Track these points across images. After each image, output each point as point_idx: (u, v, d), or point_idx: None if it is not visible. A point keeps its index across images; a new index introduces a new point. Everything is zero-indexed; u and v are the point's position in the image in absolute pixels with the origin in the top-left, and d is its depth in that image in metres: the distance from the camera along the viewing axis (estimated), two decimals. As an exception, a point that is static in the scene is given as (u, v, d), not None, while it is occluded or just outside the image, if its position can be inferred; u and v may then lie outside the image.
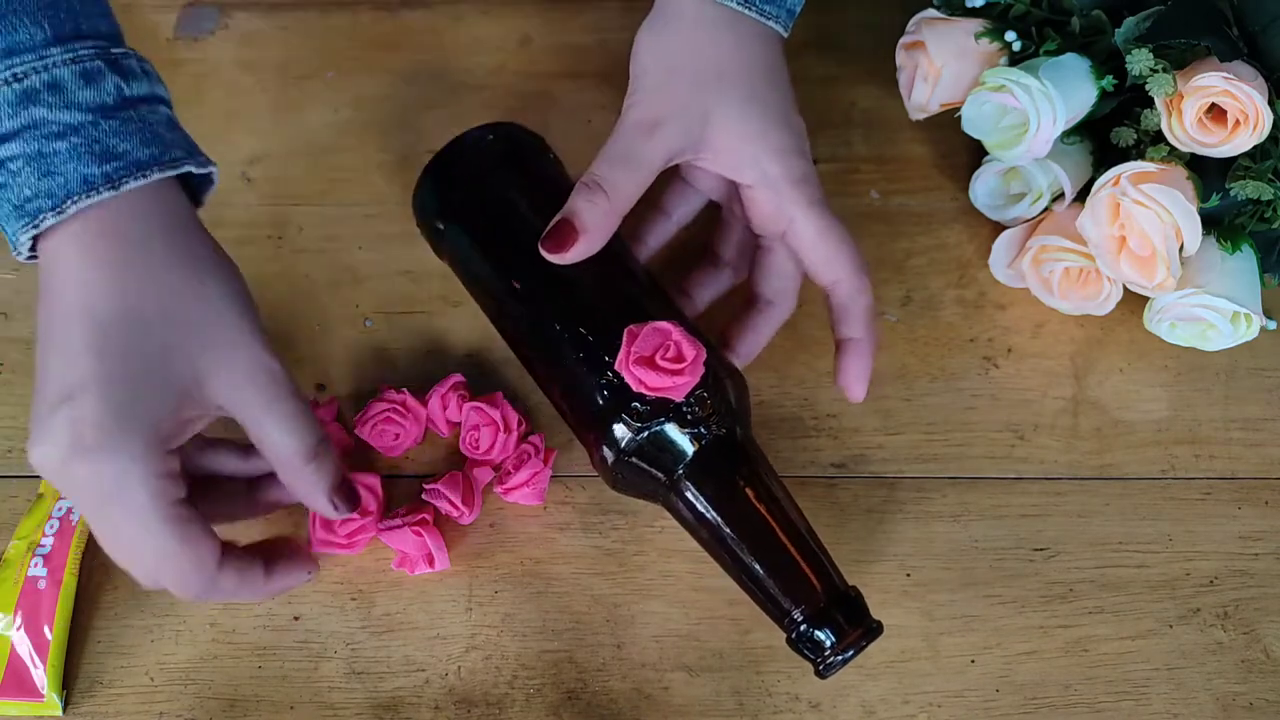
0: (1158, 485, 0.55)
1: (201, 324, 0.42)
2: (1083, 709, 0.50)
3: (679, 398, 0.46)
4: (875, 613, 0.49)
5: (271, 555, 0.46)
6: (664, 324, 0.47)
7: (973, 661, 0.51)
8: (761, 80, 0.50)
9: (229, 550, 0.44)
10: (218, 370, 0.42)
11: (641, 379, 0.46)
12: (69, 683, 0.49)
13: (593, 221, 0.48)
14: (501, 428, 0.53)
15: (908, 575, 0.53)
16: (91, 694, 0.49)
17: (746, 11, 0.50)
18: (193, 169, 0.43)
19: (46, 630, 0.49)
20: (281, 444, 0.43)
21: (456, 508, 0.51)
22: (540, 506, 0.54)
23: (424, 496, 0.52)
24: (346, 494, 0.45)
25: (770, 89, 0.51)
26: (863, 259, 0.51)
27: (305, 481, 0.44)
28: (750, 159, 0.50)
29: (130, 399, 0.40)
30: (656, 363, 0.46)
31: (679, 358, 0.46)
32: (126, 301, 0.41)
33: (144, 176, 0.41)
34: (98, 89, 0.41)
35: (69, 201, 0.40)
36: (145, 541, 0.41)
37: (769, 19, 0.51)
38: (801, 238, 0.50)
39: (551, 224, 0.48)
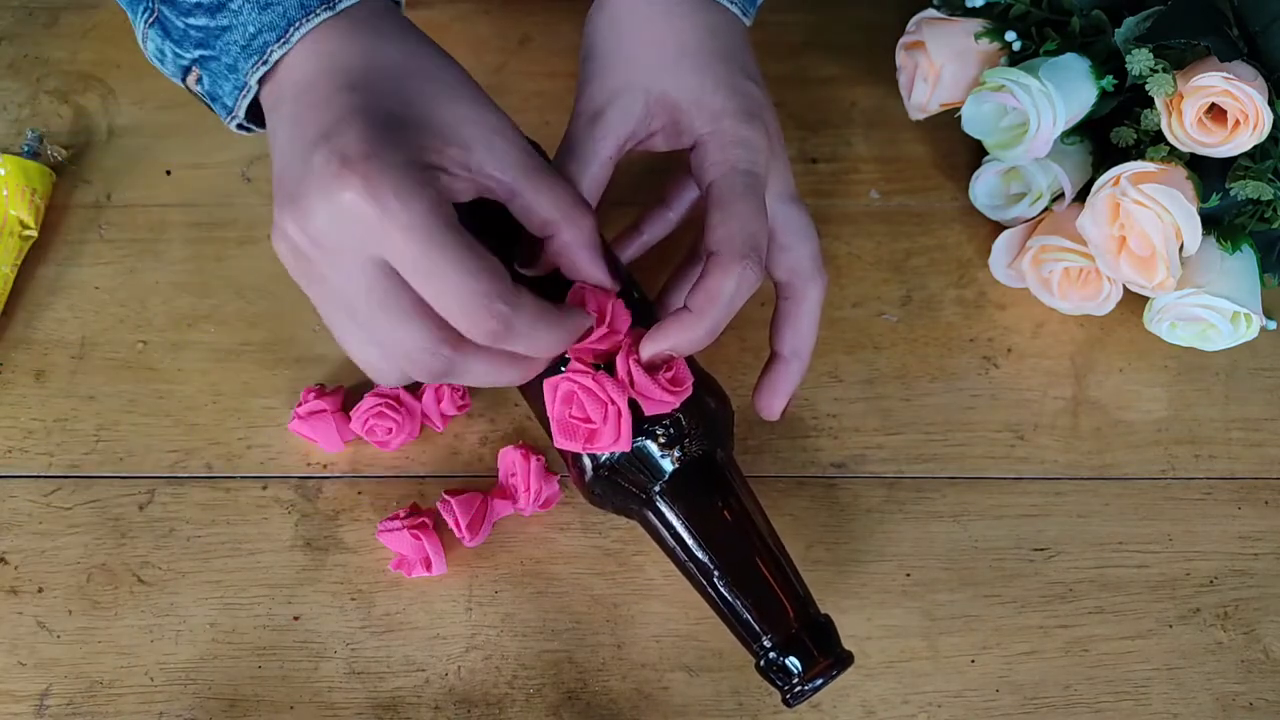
0: (1158, 485, 0.55)
1: (444, 82, 0.42)
2: (1083, 709, 0.50)
3: (664, 410, 0.45)
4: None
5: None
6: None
7: (973, 661, 0.51)
8: (695, 45, 0.47)
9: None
10: (464, 125, 0.41)
11: (645, 395, 0.45)
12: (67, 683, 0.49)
13: None
14: (540, 485, 0.52)
15: (908, 575, 0.53)
16: (91, 694, 0.49)
17: None
18: None
19: None
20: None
21: (460, 530, 0.51)
22: (540, 506, 0.54)
23: (438, 505, 0.52)
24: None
25: (708, 54, 0.48)
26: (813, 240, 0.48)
27: (580, 233, 0.43)
28: (687, 128, 0.47)
29: (392, 125, 0.39)
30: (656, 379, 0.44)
31: (676, 379, 0.45)
32: (371, 60, 0.41)
33: None
34: None
35: (292, 29, 0.41)
36: (434, 256, 0.38)
37: (727, 1, 0.49)
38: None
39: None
